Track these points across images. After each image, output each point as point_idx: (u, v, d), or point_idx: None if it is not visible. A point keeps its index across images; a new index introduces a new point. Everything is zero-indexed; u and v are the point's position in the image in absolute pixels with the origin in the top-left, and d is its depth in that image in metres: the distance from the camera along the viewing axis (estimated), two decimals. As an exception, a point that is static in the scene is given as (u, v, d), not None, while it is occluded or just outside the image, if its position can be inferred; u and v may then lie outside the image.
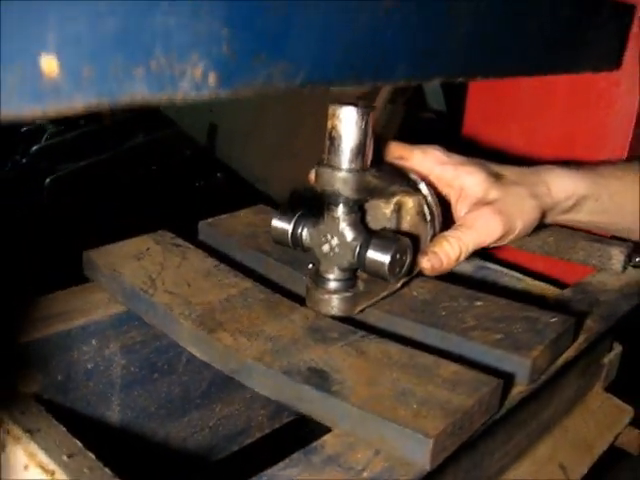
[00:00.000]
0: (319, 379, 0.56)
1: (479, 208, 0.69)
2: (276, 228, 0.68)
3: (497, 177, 0.72)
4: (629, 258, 0.90)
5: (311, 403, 0.55)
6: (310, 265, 0.69)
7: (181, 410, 0.79)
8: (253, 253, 0.79)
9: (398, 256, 0.62)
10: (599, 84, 0.88)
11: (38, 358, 0.64)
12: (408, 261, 0.63)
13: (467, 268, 0.92)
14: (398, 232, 0.66)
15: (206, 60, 0.36)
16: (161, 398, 0.77)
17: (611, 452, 1.02)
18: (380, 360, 0.58)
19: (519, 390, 0.62)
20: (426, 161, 0.71)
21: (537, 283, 0.89)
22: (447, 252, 0.66)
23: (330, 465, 0.50)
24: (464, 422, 0.52)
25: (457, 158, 0.73)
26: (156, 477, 0.72)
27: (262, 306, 0.67)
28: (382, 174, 0.64)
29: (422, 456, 0.49)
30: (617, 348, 1.06)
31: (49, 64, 0.30)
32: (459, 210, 0.71)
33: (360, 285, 0.67)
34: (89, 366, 0.69)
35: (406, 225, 0.67)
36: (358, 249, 0.63)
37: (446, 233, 0.68)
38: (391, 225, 0.67)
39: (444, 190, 0.72)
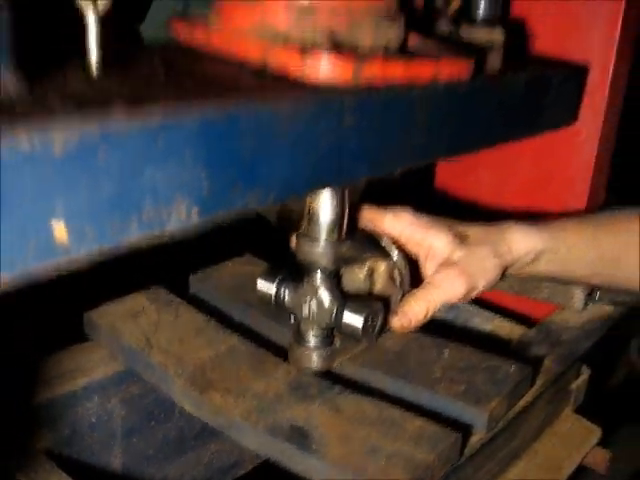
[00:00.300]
0: (299, 437, 0.63)
1: (445, 269, 0.76)
2: (260, 290, 0.75)
3: (462, 238, 0.79)
4: (590, 296, 0.97)
5: (292, 459, 0.62)
6: (292, 320, 0.76)
7: (177, 452, 0.86)
8: (241, 306, 0.86)
9: (370, 320, 0.69)
10: (562, 134, 0.95)
11: (47, 417, 0.71)
12: (379, 323, 0.71)
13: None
14: (371, 294, 0.73)
15: (188, 200, 0.43)
16: (158, 443, 0.84)
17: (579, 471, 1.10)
18: (354, 416, 0.65)
19: (479, 437, 0.69)
20: (397, 224, 0.78)
21: (505, 323, 0.96)
22: (415, 312, 0.73)
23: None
24: (425, 476, 0.59)
25: (426, 219, 0.79)
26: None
27: (248, 363, 0.74)
28: (356, 242, 0.71)
29: (389, 509, 0.56)
30: (585, 373, 1.13)
31: (58, 226, 0.37)
32: (428, 268, 0.78)
33: (337, 342, 0.74)
34: (93, 420, 0.76)
35: (378, 287, 0.75)
36: (334, 312, 0.70)
37: (415, 292, 0.75)
38: (365, 288, 0.74)
39: (414, 249, 0.79)
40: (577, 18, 0.95)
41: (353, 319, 0.69)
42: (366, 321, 0.69)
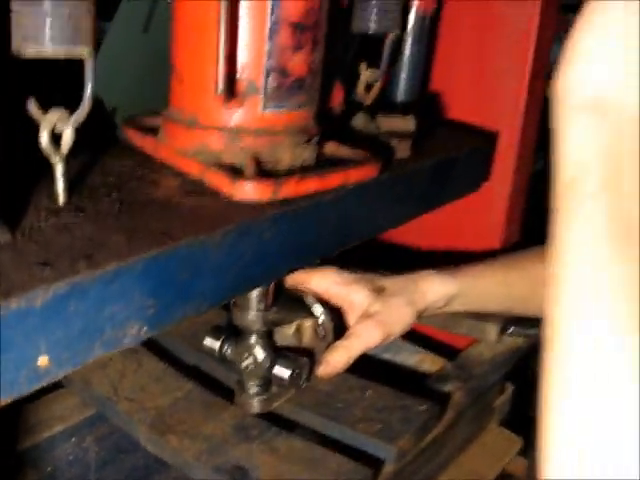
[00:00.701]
0: (240, 475, 0.77)
1: (364, 320, 0.90)
2: (206, 346, 0.89)
3: (379, 290, 0.93)
4: (503, 330, 1.12)
5: (235, 495, 0.76)
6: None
7: (144, 477, 1.00)
8: (195, 353, 0.99)
9: (296, 372, 0.84)
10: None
11: (30, 460, 0.84)
12: (305, 373, 0.85)
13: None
14: (299, 348, 0.87)
15: (139, 322, 0.56)
16: (127, 472, 0.97)
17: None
18: (286, 455, 0.80)
19: (392, 469, 0.84)
20: (323, 282, 0.92)
21: (427, 356, 1.10)
22: (337, 360, 0.87)
23: None
24: (341, 508, 0.74)
25: (348, 276, 0.93)
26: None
27: (201, 407, 0.87)
28: (283, 305, 0.85)
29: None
30: (509, 389, 1.28)
31: (44, 360, 0.50)
32: (350, 320, 0.92)
33: (274, 388, 0.88)
34: (70, 458, 0.90)
35: (305, 341, 0.89)
36: (267, 366, 0.84)
37: (337, 343, 0.89)
38: (294, 342, 0.88)
39: (338, 303, 0.93)
40: (490, 90, 1.09)
41: (282, 372, 0.84)
42: (292, 374, 0.83)
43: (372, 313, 0.90)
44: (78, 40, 0.56)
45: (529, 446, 1.28)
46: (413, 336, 1.16)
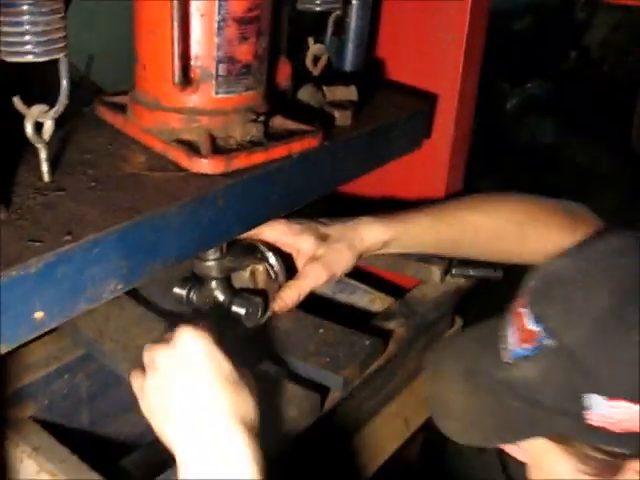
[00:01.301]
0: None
1: (310, 262, 1.03)
2: (175, 294, 1.02)
3: (324, 237, 1.05)
4: (446, 272, 1.26)
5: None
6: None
7: (129, 409, 1.14)
8: (170, 298, 1.12)
9: (251, 310, 0.97)
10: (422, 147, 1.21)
11: (30, 394, 0.98)
12: (260, 310, 0.98)
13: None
14: (255, 290, 1.00)
15: (115, 280, 0.69)
16: (114, 403, 1.12)
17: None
18: (248, 385, 0.94)
19: (338, 395, 0.98)
20: (273, 232, 1.03)
21: (378, 296, 1.24)
22: (289, 297, 1.00)
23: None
24: (293, 426, 0.88)
25: (295, 227, 1.04)
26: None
27: (175, 346, 1.01)
28: (237, 254, 0.98)
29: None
30: (458, 322, 1.42)
31: (40, 314, 0.63)
32: (299, 264, 1.05)
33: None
34: (64, 392, 1.04)
35: (260, 283, 1.02)
36: (226, 306, 0.97)
37: (289, 282, 1.02)
38: (250, 284, 1.01)
39: (288, 250, 1.05)
40: (431, 57, 1.20)
41: (239, 310, 0.97)
42: (247, 311, 0.97)
43: (318, 256, 1.03)
44: (54, 49, 0.67)
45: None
46: (367, 278, 1.30)
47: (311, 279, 1.02)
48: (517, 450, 0.78)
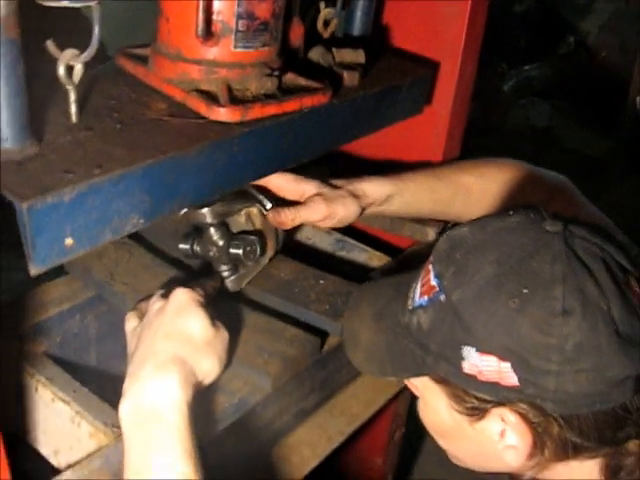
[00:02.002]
0: (215, 341, 0.97)
1: (313, 196, 1.07)
2: (181, 250, 1.07)
3: (330, 185, 1.10)
4: (440, 233, 1.32)
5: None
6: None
7: (135, 350, 1.20)
8: (176, 247, 1.17)
9: (248, 248, 1.03)
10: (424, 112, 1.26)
11: (44, 330, 1.04)
12: (258, 248, 1.04)
13: (329, 242, 1.33)
14: (252, 232, 1.05)
15: (137, 214, 0.75)
16: (122, 345, 1.17)
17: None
18: (251, 327, 1.00)
19: (336, 340, 1.04)
20: (278, 180, 1.07)
21: (375, 254, 1.30)
22: (286, 214, 1.04)
23: (219, 391, 0.92)
24: (293, 365, 0.94)
25: (300, 177, 1.09)
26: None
27: (183, 290, 1.06)
28: (228, 199, 1.02)
29: (267, 385, 0.92)
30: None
31: (70, 240, 0.68)
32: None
33: (241, 269, 1.07)
34: (75, 331, 1.09)
35: (257, 224, 1.07)
36: (226, 250, 1.03)
37: (290, 206, 1.05)
38: (248, 227, 1.06)
39: (292, 196, 1.09)
40: (434, 26, 1.25)
41: (236, 251, 1.03)
42: (244, 250, 1.03)
43: (322, 194, 1.08)
44: (88, -5, 0.71)
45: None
46: (365, 238, 1.36)
47: (310, 209, 1.06)
48: (412, 385, 0.89)
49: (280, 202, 1.07)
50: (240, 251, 1.02)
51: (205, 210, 0.99)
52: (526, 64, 4.41)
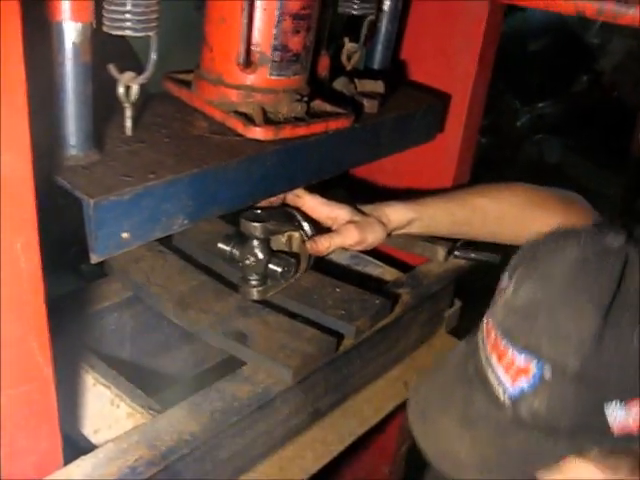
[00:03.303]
0: (241, 337, 1.07)
1: (346, 224, 1.18)
2: (219, 249, 1.18)
3: (359, 212, 1.21)
4: (449, 252, 1.42)
5: (237, 350, 1.07)
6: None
7: (165, 347, 1.31)
8: (208, 255, 1.28)
9: (286, 268, 1.13)
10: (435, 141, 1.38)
11: (85, 325, 1.15)
12: (292, 271, 1.15)
13: (345, 257, 1.43)
14: (290, 252, 1.17)
15: (182, 216, 0.86)
16: (154, 341, 1.28)
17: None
18: (275, 327, 1.10)
19: (350, 342, 1.14)
20: (312, 201, 1.19)
21: (388, 269, 1.41)
22: (321, 242, 1.15)
23: (245, 382, 1.02)
24: (312, 360, 1.05)
25: (332, 201, 1.20)
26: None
27: (212, 293, 1.17)
28: (278, 221, 1.14)
29: (289, 377, 1.02)
30: (457, 304, 1.59)
31: (126, 234, 0.80)
32: (336, 226, 1.20)
33: (269, 282, 1.18)
34: (113, 326, 1.20)
35: (294, 248, 1.18)
36: (264, 264, 1.14)
37: (324, 234, 1.17)
38: (286, 248, 1.17)
39: (324, 219, 1.20)
40: (448, 60, 1.37)
41: (275, 268, 1.13)
42: (283, 269, 1.13)
43: (354, 221, 1.19)
44: (149, 26, 0.83)
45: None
46: (378, 255, 1.46)
47: (343, 236, 1.17)
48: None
49: (317, 228, 1.19)
50: (279, 269, 1.14)
51: (257, 225, 1.10)
52: (539, 102, 4.53)
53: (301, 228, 1.18)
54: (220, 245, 1.18)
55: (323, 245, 1.17)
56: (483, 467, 0.75)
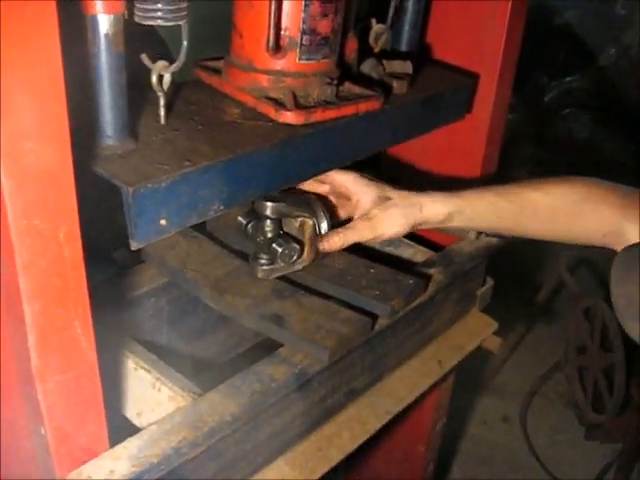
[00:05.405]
0: (278, 320, 1.09)
1: (362, 220, 1.16)
2: (238, 221, 1.19)
3: (384, 199, 1.18)
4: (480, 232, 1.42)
5: (274, 333, 1.09)
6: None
7: (202, 332, 1.33)
8: (239, 240, 1.29)
9: (287, 252, 1.13)
10: (464, 120, 1.38)
11: (125, 311, 1.17)
12: (295, 256, 1.15)
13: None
14: (299, 239, 1.16)
15: (218, 202, 0.87)
16: (191, 327, 1.30)
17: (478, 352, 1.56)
18: (309, 309, 1.11)
19: (386, 322, 1.16)
20: (342, 177, 1.17)
21: (420, 250, 1.41)
22: (334, 241, 1.15)
23: (283, 363, 1.04)
24: (347, 341, 1.06)
25: (363, 179, 1.17)
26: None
27: (247, 277, 1.19)
28: (293, 204, 1.13)
29: (325, 357, 1.03)
30: (489, 282, 1.59)
31: (164, 221, 0.81)
32: (355, 213, 1.18)
33: (276, 264, 1.17)
34: (150, 312, 1.22)
35: (305, 235, 1.17)
36: (270, 243, 1.14)
37: (338, 229, 1.15)
38: (297, 233, 1.17)
39: (348, 197, 1.18)
40: (475, 40, 1.36)
41: (277, 248, 1.14)
42: (283, 252, 1.13)
43: (371, 217, 1.16)
44: (179, 15, 0.85)
45: (502, 329, 1.60)
46: (411, 235, 1.47)
47: (357, 234, 1.15)
48: None
49: (333, 219, 1.18)
50: (280, 249, 1.14)
51: (269, 204, 1.11)
52: (567, 76, 4.48)
53: (316, 217, 1.16)
54: (239, 218, 1.19)
55: (335, 244, 1.14)
56: None
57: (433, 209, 1.17)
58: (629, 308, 0.82)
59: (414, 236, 1.48)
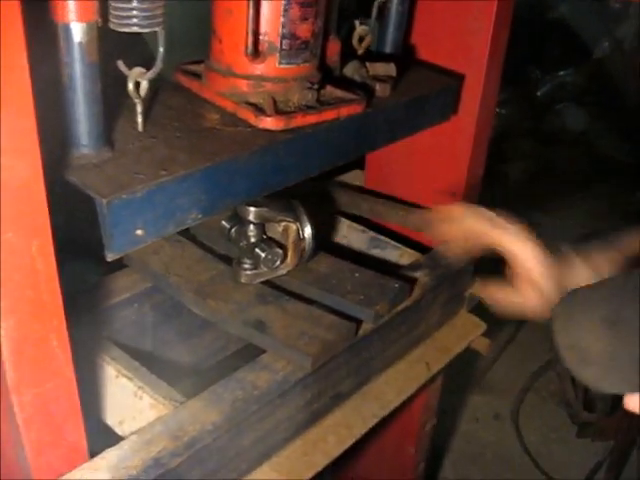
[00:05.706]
0: (261, 325, 1.08)
1: (531, 290, 0.95)
2: (221, 225, 1.18)
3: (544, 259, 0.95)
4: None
5: (257, 338, 1.08)
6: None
7: (186, 336, 1.32)
8: (223, 244, 1.28)
9: (270, 257, 1.13)
10: (449, 122, 1.36)
11: (107, 317, 1.16)
12: (278, 260, 1.14)
13: (364, 239, 1.43)
14: (282, 244, 1.15)
15: (196, 210, 0.86)
16: (174, 330, 1.29)
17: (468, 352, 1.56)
18: (293, 314, 1.11)
19: (371, 326, 1.15)
20: (477, 218, 1.01)
21: (406, 252, 1.41)
22: (502, 297, 1.01)
23: (265, 370, 1.03)
24: (331, 347, 1.05)
25: (500, 219, 0.99)
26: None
27: (231, 281, 1.18)
28: (274, 208, 1.13)
29: (308, 365, 1.02)
30: (478, 283, 1.58)
31: (140, 231, 0.80)
32: (514, 268, 0.98)
33: (259, 269, 1.17)
34: (133, 318, 1.21)
35: (289, 240, 1.16)
36: (253, 248, 1.14)
37: (509, 289, 0.98)
38: (281, 238, 1.16)
39: (492, 247, 0.99)
40: (461, 41, 1.35)
41: (260, 253, 1.13)
42: (266, 257, 1.13)
43: (540, 286, 0.94)
44: (155, 22, 0.83)
45: (491, 329, 1.59)
46: (395, 236, 1.46)
47: (526, 300, 0.97)
48: None
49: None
50: (263, 254, 1.13)
51: (252, 209, 1.10)
52: (560, 70, 4.46)
53: (300, 221, 1.16)
54: (223, 222, 1.18)
55: (498, 302, 1.01)
56: (607, 365, 0.75)
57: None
58: (578, 356, 0.78)
59: (401, 237, 1.48)
